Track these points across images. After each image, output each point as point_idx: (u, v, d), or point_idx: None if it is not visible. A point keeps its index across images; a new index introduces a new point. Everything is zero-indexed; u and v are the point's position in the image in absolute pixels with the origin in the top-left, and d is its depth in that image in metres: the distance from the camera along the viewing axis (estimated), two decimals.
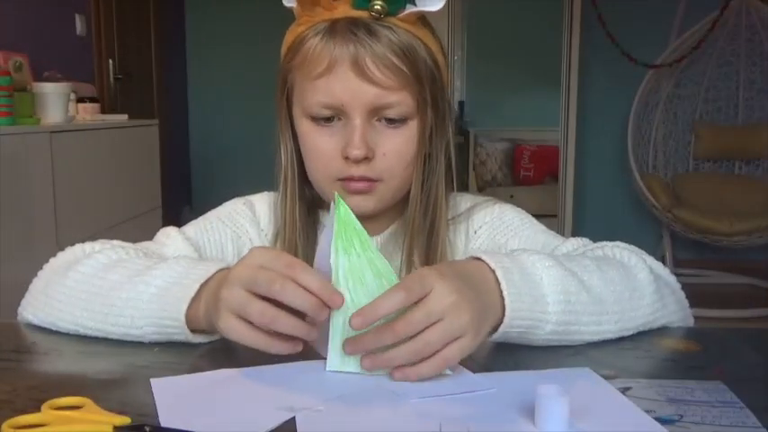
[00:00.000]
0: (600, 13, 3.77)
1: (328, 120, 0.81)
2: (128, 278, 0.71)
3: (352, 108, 0.79)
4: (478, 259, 0.67)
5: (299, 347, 0.62)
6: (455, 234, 0.91)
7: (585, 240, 0.86)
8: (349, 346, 0.61)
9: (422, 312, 0.59)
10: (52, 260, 0.80)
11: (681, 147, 4.18)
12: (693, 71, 4.06)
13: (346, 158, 0.80)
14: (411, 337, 0.59)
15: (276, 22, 0.86)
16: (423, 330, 0.59)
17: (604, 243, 0.82)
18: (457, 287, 0.60)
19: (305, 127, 0.83)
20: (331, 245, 0.63)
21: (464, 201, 0.95)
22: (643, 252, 0.80)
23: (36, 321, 0.76)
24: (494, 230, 0.91)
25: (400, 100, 0.80)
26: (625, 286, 0.72)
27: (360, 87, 0.78)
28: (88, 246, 0.81)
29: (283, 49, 0.85)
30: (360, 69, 0.77)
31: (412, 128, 0.82)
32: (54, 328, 0.74)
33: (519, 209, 0.94)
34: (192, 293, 0.67)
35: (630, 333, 0.72)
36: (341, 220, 0.64)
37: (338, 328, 0.63)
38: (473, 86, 5.74)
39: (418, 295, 0.59)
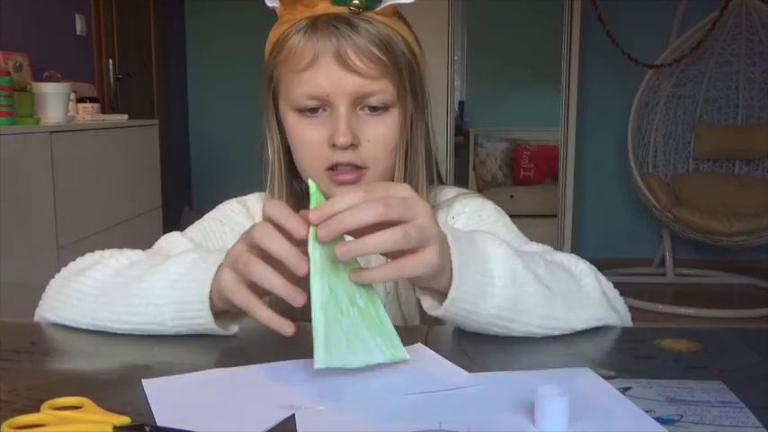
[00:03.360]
0: (600, 13, 3.77)
1: (314, 111, 0.85)
2: (145, 271, 0.73)
3: (336, 97, 0.83)
4: None
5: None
6: None
7: (548, 247, 0.87)
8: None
9: (402, 202, 0.60)
10: (71, 264, 0.81)
11: (681, 147, 4.19)
12: (693, 71, 4.07)
13: (333, 146, 0.83)
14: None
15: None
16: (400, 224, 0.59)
17: (560, 253, 0.82)
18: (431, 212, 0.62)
19: (291, 120, 0.86)
20: (309, 237, 0.61)
21: (448, 192, 0.97)
22: (593, 267, 0.80)
23: (55, 319, 0.76)
24: (469, 220, 0.92)
25: (382, 88, 0.84)
26: (571, 283, 0.73)
27: (343, 77, 0.82)
28: (107, 252, 0.82)
29: (267, 48, 0.88)
30: (342, 60, 0.81)
31: (394, 115, 0.86)
32: (73, 325, 0.75)
33: (499, 209, 0.95)
34: (212, 276, 0.68)
35: (581, 327, 0.72)
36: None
37: (320, 324, 0.60)
38: (473, 86, 5.75)
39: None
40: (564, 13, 3.99)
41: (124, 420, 0.52)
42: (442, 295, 0.66)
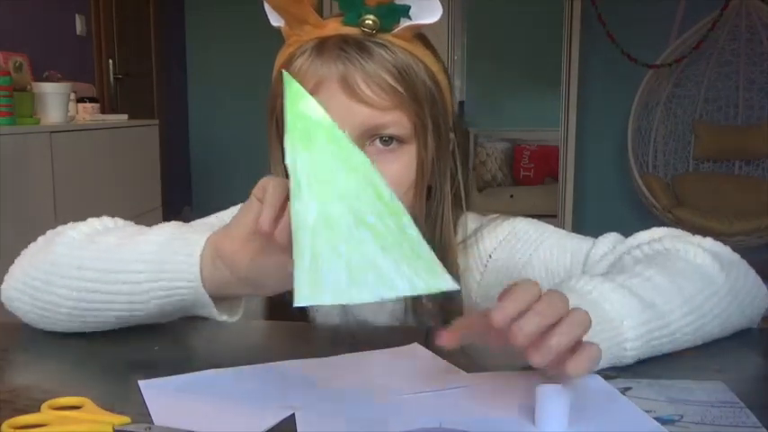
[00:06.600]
0: (600, 13, 3.77)
1: None
2: (128, 237, 0.68)
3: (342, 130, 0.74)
4: None
5: None
6: (466, 257, 0.85)
7: (616, 236, 0.80)
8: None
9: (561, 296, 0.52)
10: (39, 239, 0.79)
11: (681, 147, 4.19)
12: (693, 71, 4.07)
13: None
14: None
15: None
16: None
17: (650, 238, 0.75)
18: None
19: None
20: (285, 142, 0.51)
21: (470, 221, 0.87)
22: (689, 235, 0.75)
23: (23, 299, 0.72)
24: (511, 248, 0.84)
25: (395, 120, 0.73)
26: (703, 299, 0.67)
27: (350, 108, 0.72)
28: (71, 224, 0.78)
29: (274, 74, 0.79)
30: (349, 88, 0.72)
31: (409, 152, 0.75)
32: (41, 304, 0.70)
33: (529, 219, 0.87)
34: (203, 243, 0.62)
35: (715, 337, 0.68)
36: (293, 110, 0.51)
37: (304, 253, 0.47)
38: (473, 86, 5.74)
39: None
40: (564, 14, 3.99)
41: (124, 420, 0.52)
42: None
